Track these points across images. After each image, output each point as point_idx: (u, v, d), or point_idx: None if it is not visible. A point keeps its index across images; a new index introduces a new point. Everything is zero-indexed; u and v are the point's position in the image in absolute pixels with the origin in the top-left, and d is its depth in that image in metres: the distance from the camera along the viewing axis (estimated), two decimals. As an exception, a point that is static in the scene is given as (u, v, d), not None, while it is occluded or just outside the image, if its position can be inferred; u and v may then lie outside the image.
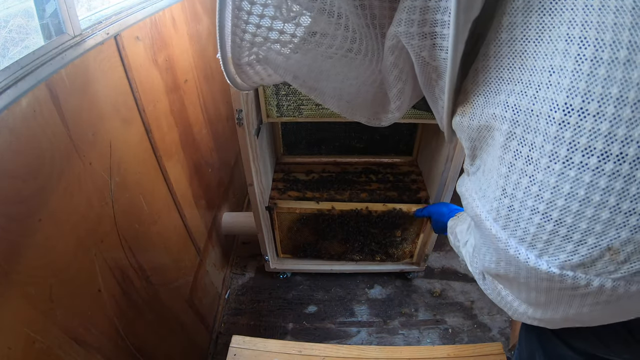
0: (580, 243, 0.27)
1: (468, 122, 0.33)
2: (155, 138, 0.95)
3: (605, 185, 0.25)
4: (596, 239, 0.26)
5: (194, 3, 1.24)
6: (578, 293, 0.29)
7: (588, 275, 0.28)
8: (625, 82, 0.22)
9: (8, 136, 0.52)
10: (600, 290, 0.28)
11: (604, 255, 0.27)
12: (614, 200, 0.25)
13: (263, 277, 1.61)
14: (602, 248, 0.26)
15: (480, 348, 0.90)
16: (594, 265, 0.27)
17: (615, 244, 0.26)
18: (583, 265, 0.28)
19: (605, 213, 0.25)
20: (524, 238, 0.30)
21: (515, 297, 0.38)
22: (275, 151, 1.55)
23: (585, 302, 0.30)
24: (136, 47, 0.87)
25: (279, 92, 1.05)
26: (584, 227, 0.26)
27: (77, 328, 0.66)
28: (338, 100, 0.45)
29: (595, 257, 0.27)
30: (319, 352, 0.91)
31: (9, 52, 0.68)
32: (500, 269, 0.34)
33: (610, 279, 0.27)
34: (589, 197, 0.26)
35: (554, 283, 0.30)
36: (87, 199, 0.70)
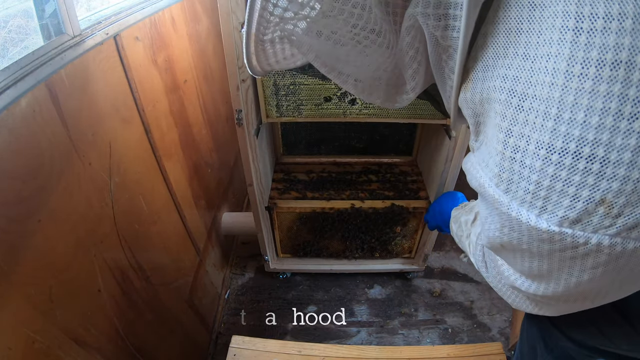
0: (575, 197, 0.29)
1: (471, 97, 0.36)
2: (154, 138, 0.95)
3: (593, 137, 0.27)
4: (590, 191, 0.28)
5: (193, 3, 1.24)
6: (578, 254, 0.31)
7: (586, 232, 0.29)
8: (618, 48, 0.24)
9: (7, 136, 0.52)
10: (599, 249, 0.30)
11: (599, 209, 0.28)
12: (602, 152, 0.26)
13: (263, 277, 1.61)
14: (596, 201, 0.28)
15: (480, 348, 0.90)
16: (590, 221, 0.29)
17: (608, 196, 0.27)
18: (580, 221, 0.29)
19: (595, 165, 0.27)
20: (524, 198, 0.32)
21: (518, 275, 0.41)
22: (275, 151, 1.55)
23: (586, 266, 0.32)
24: (136, 47, 0.87)
25: (278, 92, 1.05)
26: (578, 179, 0.28)
27: (77, 328, 0.66)
28: (355, 82, 0.47)
29: (591, 211, 0.29)
30: (319, 352, 0.91)
31: (9, 53, 0.68)
32: (504, 237, 0.36)
33: (607, 235, 0.29)
34: (579, 150, 0.27)
35: (554, 244, 0.31)
36: (87, 199, 0.70)
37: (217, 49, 1.45)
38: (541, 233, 0.32)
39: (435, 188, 1.28)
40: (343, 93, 1.05)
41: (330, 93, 1.05)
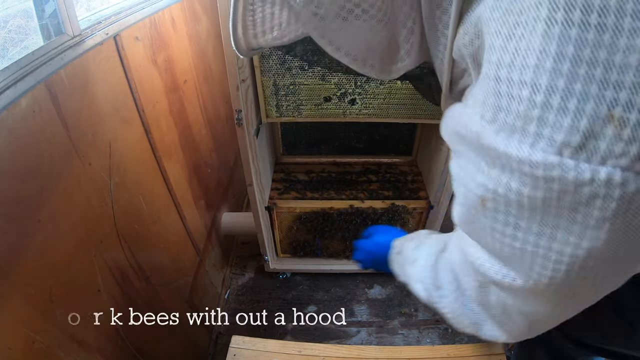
0: (577, 113, 0.23)
1: (462, 40, 0.33)
2: (154, 138, 0.95)
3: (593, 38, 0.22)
4: (595, 103, 0.23)
5: (193, 3, 1.24)
6: (582, 198, 0.25)
7: (592, 164, 0.24)
8: None
9: (7, 136, 0.52)
10: (609, 188, 0.24)
11: (607, 129, 0.23)
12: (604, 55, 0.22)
13: (263, 277, 1.61)
14: (603, 115, 0.23)
15: (480, 348, 0.90)
16: (597, 147, 0.23)
17: (616, 109, 0.22)
18: (584, 148, 0.24)
19: (599, 70, 0.22)
20: (515, 124, 0.26)
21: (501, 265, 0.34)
22: (275, 151, 1.56)
23: (589, 219, 0.25)
24: (135, 48, 0.87)
25: (278, 92, 1.05)
26: (579, 89, 0.23)
27: (77, 328, 0.66)
28: (347, 52, 0.43)
29: (597, 131, 0.23)
30: (319, 352, 0.91)
31: (9, 53, 0.68)
32: (489, 189, 0.29)
33: (619, 167, 0.23)
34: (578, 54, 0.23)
35: (552, 183, 0.25)
36: (87, 200, 0.70)
37: (217, 49, 1.45)
38: (536, 168, 0.25)
39: (435, 188, 1.28)
40: (343, 93, 1.05)
41: (330, 93, 1.05)
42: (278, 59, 0.99)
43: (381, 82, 1.02)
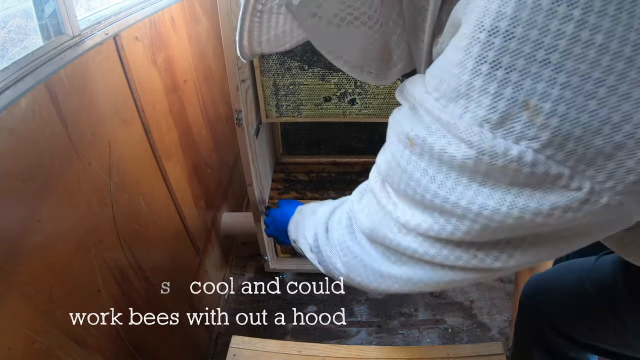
0: (496, 96, 0.26)
1: (440, 45, 0.35)
2: (154, 138, 0.95)
3: (521, 32, 0.25)
4: (512, 90, 0.26)
5: (193, 4, 1.24)
6: (496, 166, 0.28)
7: (507, 141, 0.27)
8: None
9: (7, 137, 0.52)
10: (520, 163, 0.27)
11: (522, 114, 0.26)
12: (529, 49, 0.25)
13: (263, 278, 1.61)
14: (519, 103, 0.26)
15: (479, 348, 0.90)
16: (512, 128, 0.26)
17: (532, 99, 0.25)
18: (502, 126, 0.27)
19: (520, 61, 0.25)
20: (450, 95, 0.29)
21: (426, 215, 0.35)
22: (275, 151, 1.56)
23: (501, 182, 0.29)
24: (135, 48, 0.87)
25: (278, 93, 1.05)
26: (501, 75, 0.26)
27: (77, 328, 0.66)
28: (345, 60, 0.46)
29: (514, 114, 0.26)
30: (319, 352, 0.91)
31: (8, 53, 0.69)
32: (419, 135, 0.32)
33: (531, 149, 0.26)
34: (505, 44, 0.25)
35: (471, 149, 0.28)
36: (87, 200, 0.70)
37: (216, 50, 1.45)
38: (460, 133, 0.28)
39: (434, 188, 1.28)
40: (343, 93, 1.05)
41: (330, 93, 1.05)
42: (278, 59, 0.99)
43: (381, 82, 1.02)
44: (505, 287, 1.54)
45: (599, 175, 0.26)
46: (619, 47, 0.23)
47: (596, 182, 0.27)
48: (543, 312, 0.79)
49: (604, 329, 0.69)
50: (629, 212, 0.29)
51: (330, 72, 1.01)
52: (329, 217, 0.55)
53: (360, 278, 0.47)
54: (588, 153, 0.26)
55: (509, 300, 1.49)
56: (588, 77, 0.24)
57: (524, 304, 0.84)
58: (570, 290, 0.73)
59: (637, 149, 0.25)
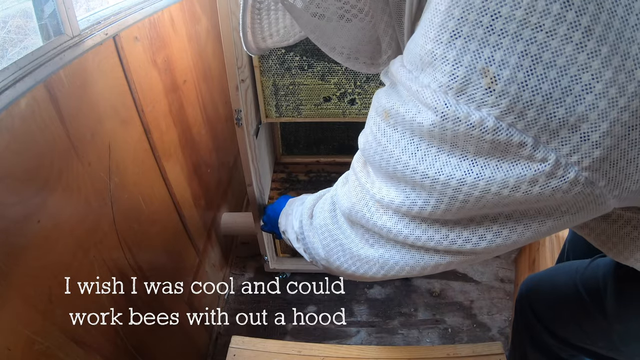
0: (456, 63, 0.27)
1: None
2: (154, 138, 0.95)
3: (480, 5, 0.25)
4: (471, 58, 0.26)
5: (192, 4, 1.23)
6: (460, 133, 0.28)
7: (470, 108, 0.27)
8: None
9: (7, 137, 0.52)
10: (482, 130, 0.27)
11: (481, 81, 0.26)
12: (487, 20, 0.25)
13: (262, 278, 1.61)
14: (478, 70, 0.26)
15: (479, 348, 0.90)
16: (473, 94, 0.27)
17: (491, 66, 0.26)
18: (463, 93, 0.27)
19: (479, 31, 0.25)
20: (418, 66, 0.30)
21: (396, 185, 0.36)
22: (275, 151, 1.56)
23: (468, 151, 0.29)
24: (135, 48, 0.87)
25: (277, 93, 1.05)
26: (460, 44, 0.26)
27: (77, 329, 0.66)
28: (341, 51, 0.48)
29: (474, 81, 0.26)
30: (319, 352, 0.91)
31: (8, 53, 0.68)
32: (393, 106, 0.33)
33: (492, 116, 0.27)
34: (464, 15, 0.26)
35: (436, 116, 0.29)
36: (86, 200, 0.70)
37: (216, 50, 1.44)
38: (426, 99, 0.29)
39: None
40: (342, 93, 1.05)
41: (330, 93, 1.05)
42: (277, 59, 0.99)
43: (381, 82, 1.02)
44: (505, 287, 1.54)
45: (564, 148, 0.26)
46: (576, 17, 0.23)
47: (561, 154, 0.27)
48: (536, 312, 0.79)
49: (594, 332, 0.69)
50: (603, 195, 0.29)
51: (330, 72, 1.01)
52: (315, 204, 0.56)
53: (339, 262, 0.48)
54: (551, 123, 0.26)
55: (508, 300, 1.49)
56: (546, 45, 0.24)
57: (519, 304, 0.85)
58: (563, 291, 0.73)
59: (601, 121, 0.25)
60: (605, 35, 0.23)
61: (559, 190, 0.28)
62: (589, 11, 0.23)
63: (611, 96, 0.24)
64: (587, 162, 0.27)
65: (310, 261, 0.56)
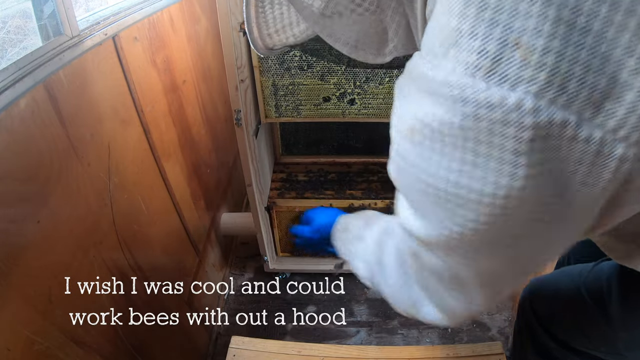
0: (486, 37, 0.24)
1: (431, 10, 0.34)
2: (153, 139, 0.95)
3: None
4: (502, 29, 0.24)
5: (192, 4, 1.23)
6: (496, 122, 0.25)
7: (503, 88, 0.24)
8: None
9: (6, 137, 0.52)
10: (520, 112, 0.24)
11: (515, 54, 0.24)
12: None
13: (262, 278, 1.61)
14: (510, 42, 0.24)
15: (479, 347, 0.90)
16: (506, 71, 0.24)
17: (524, 36, 0.23)
18: (496, 72, 0.24)
19: (507, 0, 0.23)
20: (438, 51, 0.27)
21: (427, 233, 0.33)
22: (274, 151, 1.56)
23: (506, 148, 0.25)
24: (134, 48, 0.87)
25: (277, 93, 1.05)
26: (489, 16, 0.24)
27: (76, 329, 0.66)
28: (346, 43, 0.46)
29: (506, 56, 0.24)
30: (319, 353, 0.91)
31: (7, 53, 0.68)
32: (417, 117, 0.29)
33: (530, 93, 0.24)
34: None
35: (466, 106, 0.25)
36: (86, 200, 0.70)
37: (215, 50, 1.44)
38: (453, 89, 0.26)
39: (434, 188, 1.28)
40: (342, 93, 1.05)
41: (329, 93, 1.05)
42: (277, 59, 0.99)
43: (380, 81, 1.02)
44: (504, 286, 1.54)
45: (609, 122, 0.24)
46: None
47: (607, 130, 0.24)
48: (538, 314, 0.79)
49: (597, 337, 0.68)
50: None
51: (329, 72, 1.01)
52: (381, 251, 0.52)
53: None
54: (594, 96, 0.23)
55: (508, 300, 1.49)
56: (579, 9, 0.22)
57: (521, 306, 0.85)
58: (566, 294, 0.73)
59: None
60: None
61: (606, 170, 0.25)
62: None
63: None
64: (636, 136, 0.24)
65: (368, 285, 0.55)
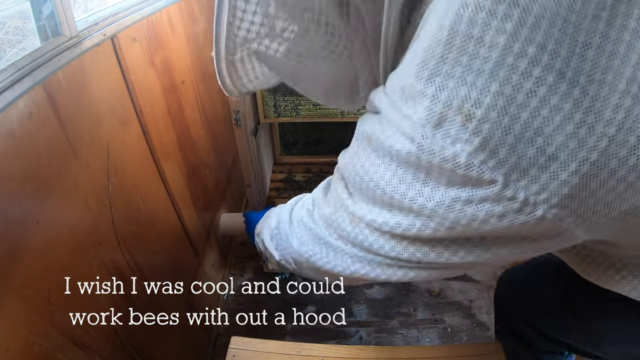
0: (434, 99, 0.28)
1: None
2: (152, 139, 0.95)
3: (459, 44, 0.26)
4: (448, 94, 0.27)
5: (190, 4, 1.23)
6: (433, 163, 0.29)
7: (444, 141, 0.28)
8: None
9: (5, 138, 0.52)
10: (455, 164, 0.28)
11: (456, 118, 0.27)
12: (466, 60, 0.26)
13: (262, 278, 1.61)
14: (454, 107, 0.27)
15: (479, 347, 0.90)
16: (449, 129, 0.28)
17: (466, 104, 0.26)
18: (441, 127, 0.28)
19: (458, 69, 0.26)
20: (398, 99, 0.31)
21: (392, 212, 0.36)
22: (273, 151, 1.56)
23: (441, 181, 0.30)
24: (133, 49, 0.87)
25: (276, 93, 1.05)
26: (439, 81, 0.27)
27: (76, 330, 0.66)
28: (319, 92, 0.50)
29: (450, 117, 0.27)
30: (319, 353, 0.91)
31: (6, 54, 0.68)
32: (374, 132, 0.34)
33: (465, 152, 0.27)
34: (445, 54, 0.27)
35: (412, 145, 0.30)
36: (85, 201, 0.69)
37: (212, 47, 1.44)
38: (406, 129, 0.30)
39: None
40: (341, 93, 1.05)
41: (328, 93, 1.05)
42: (276, 60, 0.99)
43: (379, 82, 1.02)
44: (504, 286, 1.54)
45: (533, 187, 0.27)
46: (549, 60, 0.24)
47: (530, 193, 0.27)
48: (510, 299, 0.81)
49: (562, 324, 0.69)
50: (571, 229, 0.30)
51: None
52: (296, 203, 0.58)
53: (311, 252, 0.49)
54: (521, 162, 0.26)
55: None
56: (520, 87, 0.25)
57: (497, 286, 0.88)
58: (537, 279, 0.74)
59: (570, 161, 0.26)
60: (576, 79, 0.24)
61: (529, 225, 0.29)
62: (561, 55, 0.24)
63: (581, 137, 0.25)
64: (555, 200, 0.27)
65: (278, 260, 0.58)
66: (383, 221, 0.36)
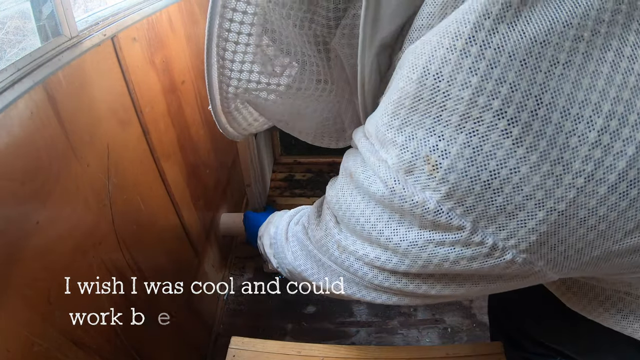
0: (403, 148, 0.29)
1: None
2: (152, 139, 0.95)
3: (429, 96, 0.27)
4: (416, 144, 0.28)
5: (191, 4, 1.23)
6: (405, 207, 0.30)
7: (415, 188, 0.29)
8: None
9: (5, 138, 0.52)
10: (424, 209, 0.29)
11: (424, 167, 0.28)
12: (436, 110, 0.27)
13: (262, 278, 1.61)
14: (421, 157, 0.28)
15: (479, 347, 0.90)
16: (418, 177, 0.29)
17: (433, 155, 0.27)
18: (412, 174, 0.29)
19: (427, 120, 0.27)
20: (372, 147, 0.33)
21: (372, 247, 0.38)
22: (273, 151, 1.56)
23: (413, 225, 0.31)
24: (133, 49, 0.87)
25: (276, 93, 1.05)
26: (409, 131, 0.28)
27: (76, 330, 0.66)
28: (308, 133, 0.53)
29: (418, 166, 0.28)
30: (319, 353, 0.91)
31: (6, 54, 0.68)
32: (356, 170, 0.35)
33: (434, 199, 0.28)
34: (414, 106, 0.28)
35: (386, 188, 0.31)
36: (85, 201, 0.70)
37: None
38: (381, 173, 0.31)
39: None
40: (341, 93, 1.05)
41: (328, 93, 1.05)
42: (276, 60, 0.99)
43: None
44: (504, 286, 1.54)
45: (501, 233, 0.28)
46: (515, 113, 0.24)
47: (499, 238, 0.28)
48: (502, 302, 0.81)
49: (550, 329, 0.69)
50: (543, 271, 0.30)
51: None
52: (292, 218, 0.60)
53: (303, 267, 0.51)
54: (489, 210, 0.27)
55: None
56: (486, 138, 0.25)
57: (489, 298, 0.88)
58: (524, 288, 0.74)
59: (538, 210, 0.26)
60: (543, 130, 0.24)
61: (498, 267, 0.30)
62: (528, 107, 0.24)
63: (548, 187, 0.25)
64: (524, 246, 0.27)
65: (275, 267, 0.61)
66: (364, 253, 0.38)
